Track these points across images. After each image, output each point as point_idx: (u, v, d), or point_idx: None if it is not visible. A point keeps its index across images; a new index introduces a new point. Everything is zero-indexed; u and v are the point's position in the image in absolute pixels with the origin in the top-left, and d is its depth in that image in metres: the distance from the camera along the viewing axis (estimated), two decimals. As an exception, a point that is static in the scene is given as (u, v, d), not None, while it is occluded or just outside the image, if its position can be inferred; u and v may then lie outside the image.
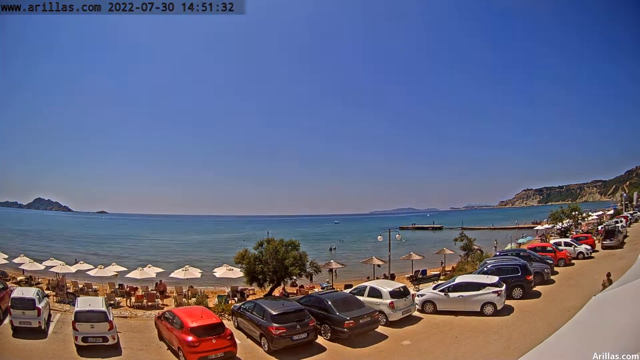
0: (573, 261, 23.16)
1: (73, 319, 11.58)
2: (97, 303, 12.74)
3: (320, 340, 12.36)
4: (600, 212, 55.02)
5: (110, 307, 13.89)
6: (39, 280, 25.08)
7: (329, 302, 12.98)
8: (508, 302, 14.77)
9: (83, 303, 12.57)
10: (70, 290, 21.20)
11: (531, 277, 16.28)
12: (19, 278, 24.16)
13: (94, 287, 23.07)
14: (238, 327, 13.79)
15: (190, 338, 10.55)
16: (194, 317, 11.32)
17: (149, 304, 19.39)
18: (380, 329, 13.29)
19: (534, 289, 16.61)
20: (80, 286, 22.45)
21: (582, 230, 35.83)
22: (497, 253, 25.49)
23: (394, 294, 14.12)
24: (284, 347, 11.39)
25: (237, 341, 11.52)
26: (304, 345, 11.78)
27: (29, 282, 23.44)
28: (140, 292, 21.82)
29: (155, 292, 21.43)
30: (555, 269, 20.83)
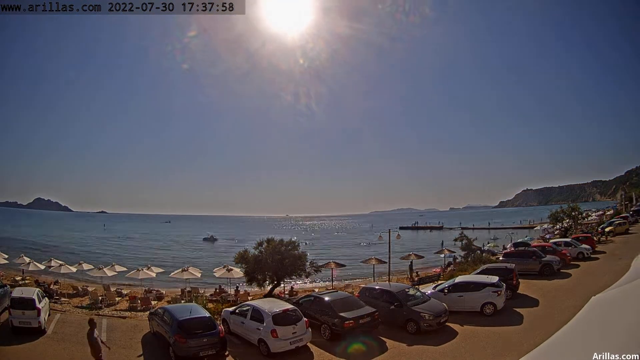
0: (573, 262, 22.76)
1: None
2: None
3: (320, 340, 12.31)
4: (600, 212, 54.94)
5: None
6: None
7: (329, 302, 12.93)
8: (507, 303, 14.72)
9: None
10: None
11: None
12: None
13: (88, 288, 22.93)
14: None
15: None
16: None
17: (143, 306, 19.15)
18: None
19: (535, 290, 16.54)
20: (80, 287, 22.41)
21: (582, 230, 35.60)
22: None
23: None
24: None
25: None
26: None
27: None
28: (139, 294, 21.71)
29: (149, 296, 21.13)
30: (555, 269, 20.64)
